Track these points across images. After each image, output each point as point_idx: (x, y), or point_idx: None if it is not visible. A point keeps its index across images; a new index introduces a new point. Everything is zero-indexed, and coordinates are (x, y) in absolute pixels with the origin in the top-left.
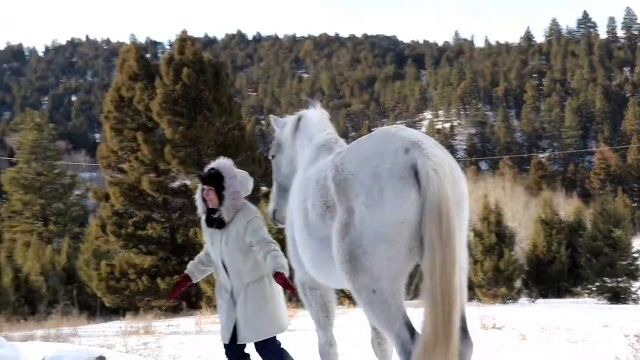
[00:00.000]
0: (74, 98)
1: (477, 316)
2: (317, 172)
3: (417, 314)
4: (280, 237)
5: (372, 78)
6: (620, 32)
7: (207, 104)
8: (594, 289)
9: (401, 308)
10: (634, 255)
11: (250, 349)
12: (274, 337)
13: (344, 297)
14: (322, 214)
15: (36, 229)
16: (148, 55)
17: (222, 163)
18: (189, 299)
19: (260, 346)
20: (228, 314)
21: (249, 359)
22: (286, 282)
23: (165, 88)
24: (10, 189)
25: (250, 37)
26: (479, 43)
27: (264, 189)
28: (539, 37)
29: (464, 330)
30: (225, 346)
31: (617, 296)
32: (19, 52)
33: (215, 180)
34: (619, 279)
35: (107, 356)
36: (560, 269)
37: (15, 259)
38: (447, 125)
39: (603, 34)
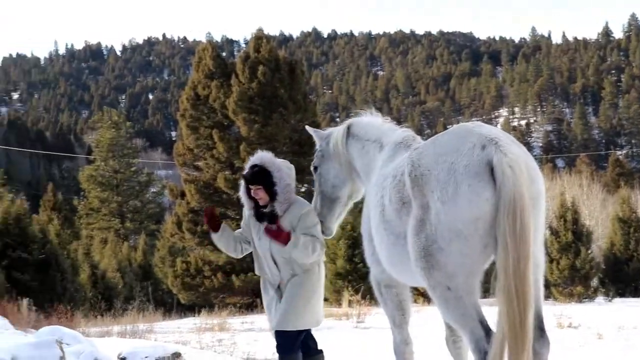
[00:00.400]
0: (150, 96)
1: (552, 315)
2: (394, 169)
3: (492, 312)
4: (353, 235)
5: (447, 75)
6: None
7: (282, 101)
8: None
9: (476, 305)
10: None
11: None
12: (295, 332)
13: (418, 294)
14: (398, 209)
15: (113, 226)
16: (224, 54)
17: (265, 157)
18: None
19: (280, 334)
20: (276, 308)
21: (311, 349)
22: (277, 232)
23: (241, 86)
24: (88, 186)
25: (325, 35)
26: (556, 39)
27: None
28: (618, 33)
29: (540, 329)
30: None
31: None
32: (97, 51)
33: (263, 178)
34: None
35: (183, 352)
36: (638, 268)
37: (92, 255)
38: (523, 122)
39: None
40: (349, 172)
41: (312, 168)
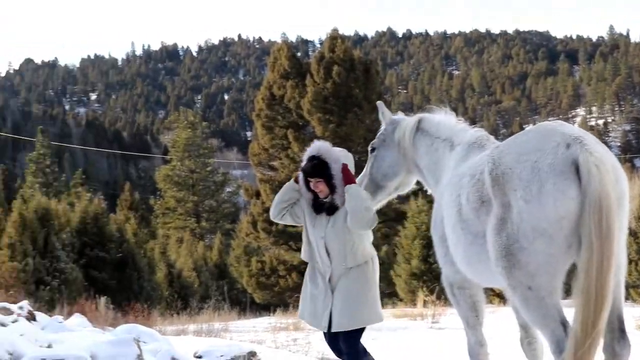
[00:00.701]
0: (226, 97)
1: (631, 317)
2: (471, 168)
3: (571, 313)
4: (428, 235)
5: (523, 74)
6: None
7: (357, 101)
8: None
9: (557, 306)
10: None
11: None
12: (361, 335)
13: (494, 295)
14: (476, 208)
15: (189, 226)
16: (299, 54)
17: (323, 148)
18: None
19: (347, 338)
20: (324, 302)
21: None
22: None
23: (316, 86)
24: (165, 186)
25: (400, 35)
26: (635, 37)
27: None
28: None
29: (621, 330)
30: (326, 334)
31: None
32: (174, 52)
33: (323, 171)
34: None
35: (258, 351)
36: None
37: (168, 254)
38: (601, 122)
39: None
40: (407, 166)
41: (369, 148)
